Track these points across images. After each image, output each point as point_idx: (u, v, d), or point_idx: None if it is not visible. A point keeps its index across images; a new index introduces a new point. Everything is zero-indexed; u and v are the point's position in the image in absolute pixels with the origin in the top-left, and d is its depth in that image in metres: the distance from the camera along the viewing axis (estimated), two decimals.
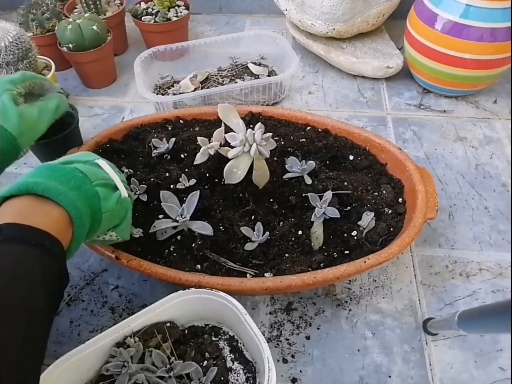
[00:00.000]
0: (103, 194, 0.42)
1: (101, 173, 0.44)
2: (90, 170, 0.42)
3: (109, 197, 0.43)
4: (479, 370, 0.49)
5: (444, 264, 0.58)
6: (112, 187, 0.44)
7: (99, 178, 0.42)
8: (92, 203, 0.40)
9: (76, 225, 0.38)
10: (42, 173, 0.39)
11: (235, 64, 0.87)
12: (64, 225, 0.37)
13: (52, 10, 0.88)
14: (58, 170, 0.40)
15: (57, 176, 0.39)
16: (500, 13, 0.68)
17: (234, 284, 0.47)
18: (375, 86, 0.87)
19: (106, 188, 0.43)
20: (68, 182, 0.39)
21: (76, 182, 0.39)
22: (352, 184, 0.57)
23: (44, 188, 0.36)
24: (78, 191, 0.39)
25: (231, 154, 0.51)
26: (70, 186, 0.38)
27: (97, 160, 0.45)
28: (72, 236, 0.38)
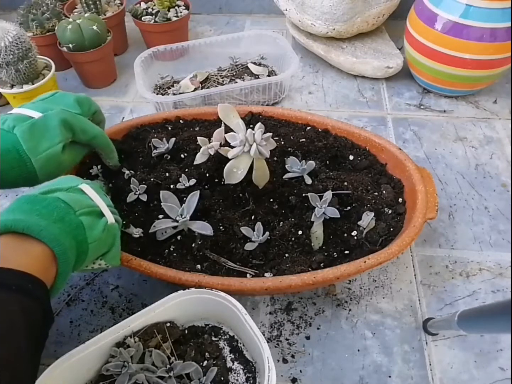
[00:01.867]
0: (88, 223, 0.40)
1: (86, 200, 0.42)
2: (73, 199, 0.40)
3: (95, 225, 0.41)
4: (479, 370, 0.49)
5: (444, 264, 0.58)
6: (97, 214, 0.42)
7: (83, 207, 0.40)
8: (76, 234, 0.38)
9: (60, 261, 0.36)
10: (22, 208, 0.37)
11: (235, 64, 0.87)
12: (47, 262, 0.35)
13: (52, 10, 0.88)
14: (38, 203, 0.38)
15: (38, 209, 0.37)
16: (500, 13, 0.68)
17: (234, 284, 0.47)
18: (375, 86, 0.87)
19: (91, 216, 0.41)
20: (50, 215, 0.37)
21: (59, 214, 0.37)
22: (352, 184, 0.57)
23: (24, 226, 0.34)
24: (61, 223, 0.37)
25: (231, 154, 0.51)
26: (52, 219, 0.36)
27: (81, 186, 0.43)
28: (56, 272, 0.36)
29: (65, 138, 0.48)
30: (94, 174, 0.59)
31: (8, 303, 0.31)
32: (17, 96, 0.75)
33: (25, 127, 0.46)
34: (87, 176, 0.59)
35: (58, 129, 0.47)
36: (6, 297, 0.31)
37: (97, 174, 0.60)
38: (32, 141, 0.46)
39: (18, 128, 0.46)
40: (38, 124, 0.47)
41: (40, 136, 0.47)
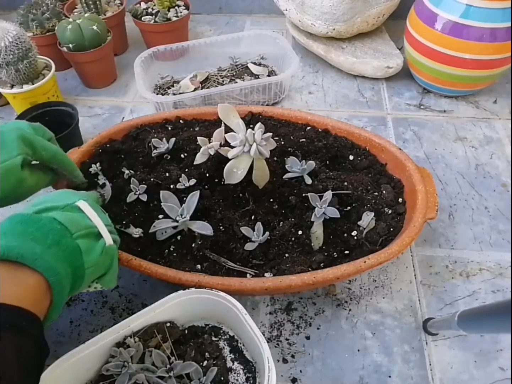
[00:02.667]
0: (86, 246, 0.38)
1: (83, 220, 0.40)
2: (69, 219, 0.38)
3: (93, 248, 0.39)
4: (479, 370, 0.49)
5: (444, 264, 0.58)
6: (95, 236, 0.40)
7: (80, 228, 0.38)
8: (73, 260, 0.36)
9: (55, 291, 0.34)
10: (15, 230, 0.35)
11: (235, 64, 0.87)
12: (41, 292, 0.34)
13: (52, 10, 0.88)
14: (32, 224, 0.35)
15: (32, 232, 0.35)
16: (500, 13, 0.68)
17: (234, 284, 0.47)
18: (375, 86, 0.87)
19: (88, 239, 0.39)
20: (45, 238, 0.35)
21: (54, 237, 0.35)
22: (352, 184, 0.57)
23: (17, 254, 0.33)
24: (57, 248, 0.35)
25: (231, 154, 0.51)
26: (47, 244, 0.34)
27: (78, 203, 0.41)
28: (50, 302, 0.35)
29: (24, 152, 0.45)
30: (94, 172, 0.59)
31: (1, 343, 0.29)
32: (17, 96, 0.75)
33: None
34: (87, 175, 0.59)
35: (15, 142, 0.45)
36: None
37: (96, 173, 0.60)
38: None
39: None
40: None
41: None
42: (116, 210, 0.55)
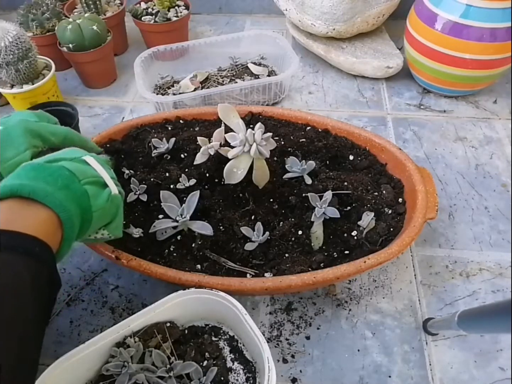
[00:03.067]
0: (93, 192, 0.40)
1: (90, 171, 0.42)
2: (77, 168, 0.40)
3: (99, 194, 0.41)
4: (479, 370, 0.49)
5: (444, 264, 0.58)
6: (101, 185, 0.42)
7: (87, 176, 0.40)
8: (81, 202, 0.38)
9: (66, 226, 0.36)
10: (27, 174, 0.37)
11: (235, 64, 0.87)
12: (53, 227, 0.35)
13: (52, 10, 0.88)
14: (44, 170, 0.38)
15: (43, 176, 0.37)
16: (500, 13, 0.68)
17: (234, 284, 0.47)
18: (375, 86, 0.87)
19: (95, 186, 0.41)
20: (55, 182, 0.37)
21: (64, 182, 0.37)
22: (352, 184, 0.57)
23: (30, 191, 0.35)
24: (66, 190, 0.37)
25: (231, 154, 0.51)
26: (57, 186, 0.37)
27: (85, 157, 0.43)
28: (61, 238, 0.36)
29: (31, 146, 0.46)
30: None
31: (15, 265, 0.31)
32: (17, 96, 0.75)
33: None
34: None
35: (22, 137, 0.46)
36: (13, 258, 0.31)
37: None
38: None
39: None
40: None
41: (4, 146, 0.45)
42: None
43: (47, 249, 0.34)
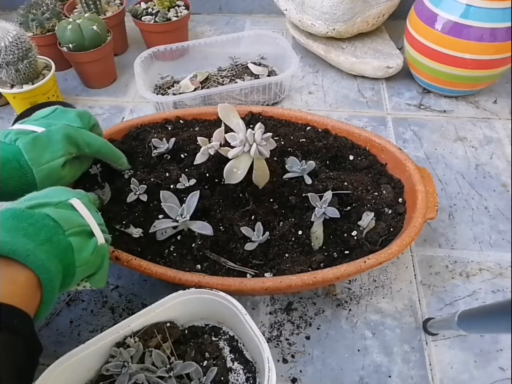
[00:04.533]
0: (77, 244, 0.37)
1: (76, 218, 0.39)
2: (62, 216, 0.37)
3: (85, 247, 0.38)
4: (479, 370, 0.49)
5: (444, 264, 0.58)
6: (87, 234, 0.40)
7: (73, 226, 0.38)
8: (64, 257, 0.36)
9: (46, 289, 0.34)
10: (7, 225, 0.34)
11: (235, 64, 0.87)
12: (32, 290, 0.33)
13: (52, 10, 0.88)
14: (25, 219, 0.35)
15: (24, 227, 0.34)
16: (500, 13, 0.68)
17: (234, 284, 0.47)
18: (375, 86, 0.87)
19: (81, 237, 0.38)
20: (37, 234, 0.34)
21: (47, 234, 0.35)
22: (352, 184, 0.57)
23: (9, 250, 0.32)
24: (49, 245, 0.34)
25: (231, 154, 0.51)
26: (39, 240, 0.34)
27: (71, 200, 0.40)
28: (40, 300, 0.34)
29: (67, 153, 0.48)
30: (94, 173, 0.59)
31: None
32: (17, 96, 0.75)
33: (28, 139, 0.46)
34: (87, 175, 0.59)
35: (61, 143, 0.48)
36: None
37: (96, 174, 0.59)
38: (35, 152, 0.46)
39: (20, 140, 0.46)
40: (41, 137, 0.47)
41: (43, 149, 0.47)
42: (116, 210, 0.55)
43: (25, 318, 0.32)
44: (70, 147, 0.49)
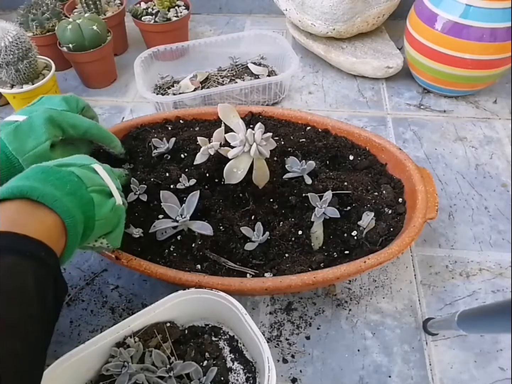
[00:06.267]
0: (98, 200, 0.40)
1: (97, 179, 0.42)
2: (86, 175, 0.40)
3: (104, 204, 0.41)
4: (479, 370, 0.49)
5: (444, 264, 0.58)
6: (106, 194, 0.43)
7: (94, 184, 0.41)
8: (86, 210, 0.38)
9: (70, 233, 0.36)
10: (37, 176, 0.37)
11: (235, 64, 0.87)
12: (57, 233, 0.36)
13: (52, 10, 0.88)
14: (53, 174, 0.38)
15: (52, 180, 0.37)
16: (500, 13, 0.68)
17: (234, 284, 0.47)
18: (375, 86, 0.87)
19: (101, 195, 0.41)
20: (63, 187, 0.37)
21: (72, 188, 0.38)
22: (352, 184, 0.57)
23: (39, 194, 0.35)
24: (73, 197, 0.37)
25: (231, 154, 0.51)
26: (65, 191, 0.37)
27: (93, 165, 0.43)
28: (65, 244, 0.36)
29: (52, 136, 0.48)
30: None
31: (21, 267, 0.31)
32: (17, 96, 0.75)
33: (9, 130, 0.47)
34: None
35: (43, 127, 0.47)
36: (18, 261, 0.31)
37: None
38: (17, 141, 0.46)
39: (2, 131, 0.47)
40: (22, 125, 0.48)
41: (26, 137, 0.47)
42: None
43: (52, 254, 0.34)
44: (54, 130, 0.48)
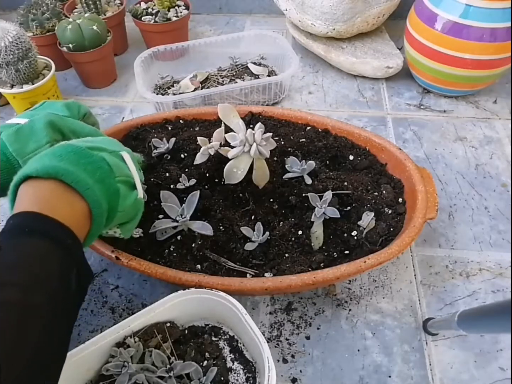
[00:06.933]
0: (123, 192, 0.40)
1: (125, 169, 0.42)
2: (116, 164, 0.40)
3: (128, 196, 0.42)
4: (479, 370, 0.49)
5: (444, 264, 0.58)
6: (131, 186, 0.43)
7: (122, 175, 0.41)
8: (111, 200, 0.39)
9: (96, 222, 0.37)
10: (69, 158, 0.37)
11: (235, 64, 0.87)
12: (83, 220, 0.36)
13: (52, 10, 0.88)
14: (85, 157, 0.38)
15: (84, 164, 0.37)
16: (500, 13, 0.68)
17: (234, 284, 0.47)
18: (375, 86, 0.87)
19: (126, 186, 0.42)
20: (94, 172, 0.37)
21: (101, 175, 0.38)
22: (352, 184, 0.57)
23: (73, 179, 0.35)
24: (102, 185, 0.38)
25: (231, 154, 0.51)
26: (95, 178, 0.37)
27: (122, 153, 0.44)
28: (88, 231, 0.37)
29: (52, 139, 0.48)
30: None
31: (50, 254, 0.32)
32: (17, 96, 0.75)
33: (10, 132, 0.47)
34: None
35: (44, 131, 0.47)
36: (49, 248, 0.32)
37: None
38: (18, 143, 0.46)
39: (3, 133, 0.47)
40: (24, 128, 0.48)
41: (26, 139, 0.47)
42: None
43: (78, 242, 0.35)
44: (55, 134, 0.48)
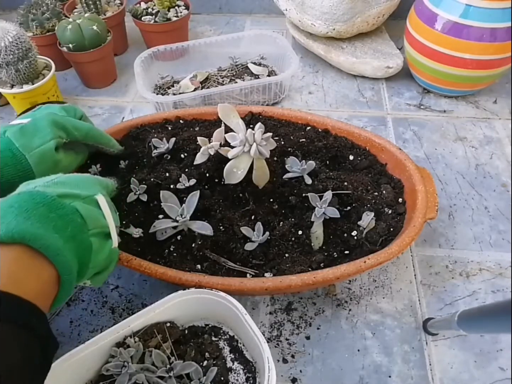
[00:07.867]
0: (96, 246, 0.38)
1: (99, 219, 0.39)
2: (89, 214, 0.37)
3: (101, 249, 0.39)
4: (479, 370, 0.49)
5: (444, 264, 0.58)
6: (105, 236, 0.40)
7: (96, 226, 0.38)
8: (82, 257, 0.36)
9: (64, 288, 0.34)
10: (37, 212, 0.33)
11: (235, 64, 0.87)
12: (50, 288, 0.33)
13: (52, 10, 0.88)
14: (55, 210, 0.35)
15: (54, 219, 0.34)
16: (500, 13, 0.68)
17: (234, 284, 0.47)
18: (375, 86, 0.87)
19: (99, 238, 0.39)
20: (65, 228, 0.34)
21: (73, 230, 0.35)
22: (352, 184, 0.57)
23: (42, 245, 0.32)
24: (73, 243, 0.34)
25: (231, 154, 0.51)
26: (65, 236, 0.34)
27: (97, 197, 0.40)
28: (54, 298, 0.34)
29: (57, 136, 0.49)
30: (94, 174, 0.59)
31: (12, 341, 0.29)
32: (17, 96, 0.75)
33: (15, 129, 0.48)
34: None
35: (48, 128, 0.49)
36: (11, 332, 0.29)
37: (95, 174, 0.59)
38: (24, 139, 0.48)
39: (9, 131, 0.48)
40: (27, 126, 0.49)
41: (32, 135, 0.48)
42: None
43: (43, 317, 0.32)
44: (59, 131, 0.50)
